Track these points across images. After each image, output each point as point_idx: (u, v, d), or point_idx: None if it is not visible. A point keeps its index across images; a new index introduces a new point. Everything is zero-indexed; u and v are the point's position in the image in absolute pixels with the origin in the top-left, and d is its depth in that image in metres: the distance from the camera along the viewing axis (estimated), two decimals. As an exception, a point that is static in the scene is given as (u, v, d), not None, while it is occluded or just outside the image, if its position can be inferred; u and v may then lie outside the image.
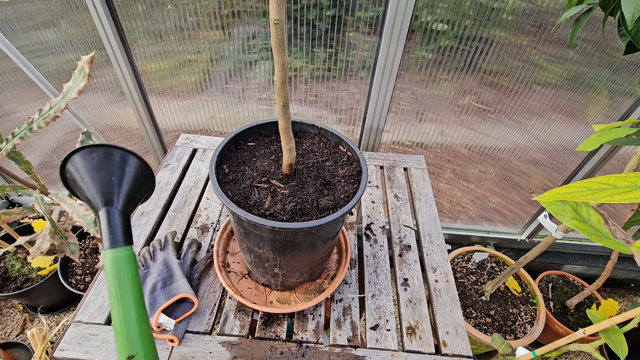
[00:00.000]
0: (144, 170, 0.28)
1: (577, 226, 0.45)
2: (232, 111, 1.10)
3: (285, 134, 0.47)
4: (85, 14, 0.89)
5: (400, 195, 0.85)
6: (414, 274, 0.70)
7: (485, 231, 1.46)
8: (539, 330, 1.14)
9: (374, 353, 0.58)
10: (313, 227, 0.44)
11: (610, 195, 0.33)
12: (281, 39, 0.36)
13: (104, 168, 0.26)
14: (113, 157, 0.27)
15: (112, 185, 0.26)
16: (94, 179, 0.26)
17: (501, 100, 1.03)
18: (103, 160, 0.26)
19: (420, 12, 0.86)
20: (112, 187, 0.26)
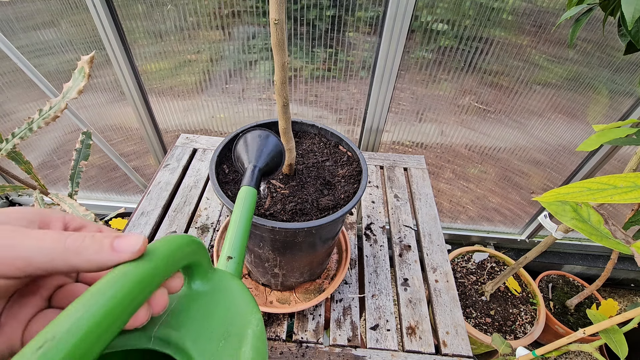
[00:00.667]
0: (279, 148, 0.43)
1: (577, 226, 0.45)
2: (232, 111, 1.10)
3: (285, 134, 0.47)
4: (85, 14, 0.89)
5: (400, 195, 0.85)
6: (414, 274, 0.70)
7: (485, 231, 1.46)
8: (539, 330, 1.14)
9: (374, 353, 0.58)
10: (313, 227, 0.44)
11: (610, 195, 0.33)
12: (281, 39, 0.36)
13: (261, 143, 0.42)
14: (269, 139, 0.43)
15: (260, 152, 0.41)
16: (255, 148, 0.41)
17: (501, 100, 1.03)
18: (262, 139, 0.42)
19: (420, 12, 0.86)
20: (260, 154, 0.41)
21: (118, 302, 0.15)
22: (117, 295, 0.15)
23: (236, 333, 0.22)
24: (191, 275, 0.24)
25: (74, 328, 0.13)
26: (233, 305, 0.24)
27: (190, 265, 0.23)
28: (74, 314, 0.14)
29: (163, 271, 0.18)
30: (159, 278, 0.18)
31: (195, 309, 0.23)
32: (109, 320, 0.14)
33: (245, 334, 0.22)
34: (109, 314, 0.15)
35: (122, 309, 0.15)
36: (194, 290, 0.24)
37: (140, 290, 0.16)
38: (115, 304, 0.15)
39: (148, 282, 0.17)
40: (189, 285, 0.24)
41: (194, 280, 0.24)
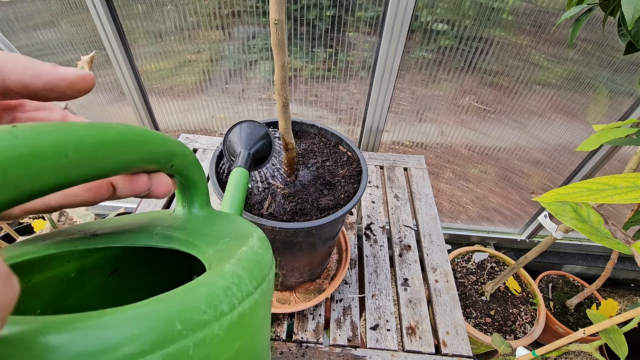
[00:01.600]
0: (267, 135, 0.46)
1: (577, 226, 0.45)
2: (232, 111, 1.10)
3: (285, 134, 0.47)
4: (85, 14, 0.89)
5: (400, 195, 0.85)
6: (414, 274, 0.70)
7: (485, 231, 1.46)
8: (539, 330, 1.14)
9: (374, 353, 0.58)
10: (313, 227, 0.44)
11: (610, 195, 0.33)
12: (281, 39, 0.36)
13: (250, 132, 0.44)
14: (257, 128, 0.45)
15: (251, 141, 0.44)
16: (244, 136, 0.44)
17: (501, 100, 1.03)
18: (252, 128, 0.45)
19: (420, 12, 0.86)
20: (251, 142, 0.44)
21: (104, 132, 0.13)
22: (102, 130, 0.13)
23: (241, 234, 0.22)
24: (190, 199, 0.23)
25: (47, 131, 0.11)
26: (237, 223, 0.24)
27: (187, 182, 0.22)
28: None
29: (154, 145, 0.17)
30: (149, 147, 0.16)
31: (197, 221, 0.23)
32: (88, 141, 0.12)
33: (251, 235, 0.22)
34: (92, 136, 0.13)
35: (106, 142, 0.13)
36: (194, 214, 0.24)
37: (129, 141, 0.15)
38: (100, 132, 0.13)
39: (140, 140, 0.16)
40: (189, 210, 0.24)
41: (193, 205, 0.24)
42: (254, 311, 0.16)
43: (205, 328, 0.12)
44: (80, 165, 0.12)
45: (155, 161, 0.17)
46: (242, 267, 0.17)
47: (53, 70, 0.15)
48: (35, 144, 0.11)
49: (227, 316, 0.13)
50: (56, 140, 0.11)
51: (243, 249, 0.19)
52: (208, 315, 0.13)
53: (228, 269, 0.16)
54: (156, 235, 0.20)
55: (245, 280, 0.16)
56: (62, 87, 0.15)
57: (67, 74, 0.15)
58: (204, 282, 0.14)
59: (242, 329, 0.14)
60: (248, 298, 0.15)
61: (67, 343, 0.09)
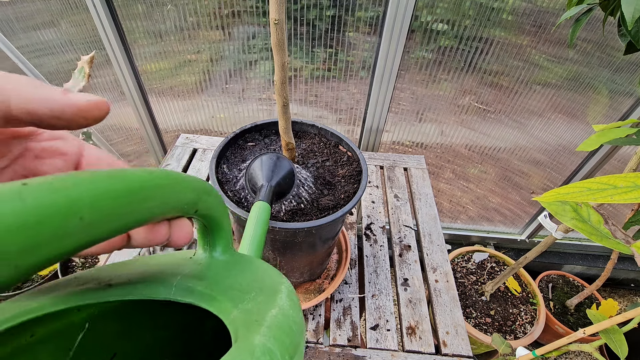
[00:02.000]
0: (291, 170, 0.46)
1: (577, 226, 0.45)
2: (232, 111, 1.10)
3: (285, 134, 0.47)
4: (85, 14, 0.89)
5: (400, 195, 0.85)
6: (414, 274, 0.70)
7: (485, 231, 1.46)
8: (539, 330, 1.14)
9: (374, 353, 0.58)
10: (313, 227, 0.44)
11: (610, 195, 0.33)
12: (281, 39, 0.36)
13: (273, 164, 0.44)
14: (280, 160, 0.45)
15: (273, 173, 0.43)
16: (266, 168, 0.44)
17: (501, 100, 1.03)
18: (274, 160, 0.44)
19: (420, 12, 0.86)
20: (272, 174, 0.43)
21: (122, 184, 0.12)
22: (122, 177, 0.12)
23: (268, 288, 0.20)
24: (212, 242, 0.22)
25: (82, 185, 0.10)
26: (261, 271, 0.23)
27: (210, 224, 0.20)
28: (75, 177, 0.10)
29: (178, 191, 0.15)
30: (173, 194, 0.15)
31: (220, 268, 0.21)
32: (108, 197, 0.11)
33: (279, 290, 0.20)
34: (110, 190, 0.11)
35: (125, 197, 0.12)
36: (215, 258, 0.22)
37: (151, 190, 0.13)
38: (119, 185, 0.12)
39: (162, 186, 0.14)
40: (210, 254, 0.22)
41: (215, 248, 0.22)
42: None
43: None
44: (95, 226, 0.11)
45: (178, 209, 0.16)
46: (273, 338, 0.15)
47: (61, 96, 0.14)
48: (45, 208, 0.09)
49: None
50: (71, 200, 0.10)
51: (272, 312, 0.17)
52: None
53: (258, 342, 0.14)
54: (175, 288, 0.18)
55: (277, 355, 0.14)
56: (70, 114, 0.14)
57: (77, 100, 0.14)
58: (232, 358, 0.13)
59: None
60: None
61: None
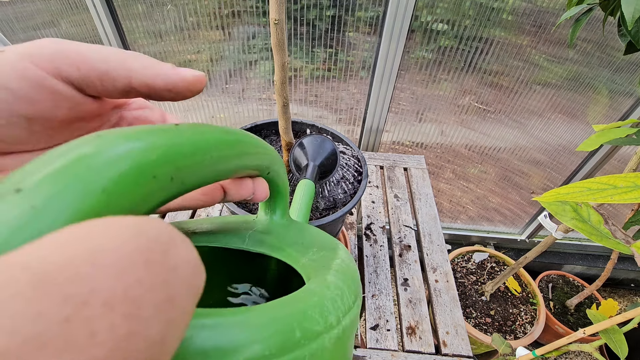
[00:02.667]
0: (334, 150, 0.48)
1: (577, 226, 0.45)
2: (232, 111, 1.10)
3: (285, 134, 0.47)
4: (85, 14, 0.89)
5: (400, 195, 0.85)
6: (414, 274, 0.70)
7: (485, 231, 1.46)
8: (539, 330, 1.14)
9: (374, 353, 0.58)
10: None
11: (611, 195, 0.33)
12: (281, 39, 0.36)
13: (318, 145, 0.47)
14: (324, 141, 0.47)
15: (317, 154, 0.46)
16: (311, 149, 0.46)
17: (501, 100, 1.03)
18: (320, 141, 0.47)
19: (420, 12, 0.86)
20: (316, 155, 0.46)
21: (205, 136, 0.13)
22: (206, 131, 0.13)
23: (327, 245, 0.21)
24: (274, 206, 0.23)
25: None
26: (316, 233, 0.24)
27: (275, 188, 0.22)
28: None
29: (260, 150, 0.17)
30: (257, 151, 0.16)
31: (281, 228, 0.23)
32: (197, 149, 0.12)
33: (337, 247, 0.21)
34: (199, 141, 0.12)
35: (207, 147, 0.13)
36: (275, 221, 0.24)
37: (232, 145, 0.14)
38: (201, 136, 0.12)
39: (252, 144, 0.16)
40: (271, 217, 0.24)
41: (276, 212, 0.24)
42: (353, 327, 0.15)
43: (318, 339, 0.12)
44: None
45: (259, 167, 0.18)
46: (341, 279, 0.16)
47: (173, 71, 0.15)
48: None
49: (334, 329, 0.13)
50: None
51: (337, 261, 0.19)
52: (321, 326, 0.12)
53: (331, 280, 0.15)
54: (248, 239, 0.20)
55: (346, 293, 0.15)
56: (181, 88, 0.15)
57: (186, 75, 0.15)
58: (314, 291, 0.14)
59: (344, 344, 0.14)
60: (349, 312, 0.15)
61: (202, 337, 0.09)
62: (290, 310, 0.12)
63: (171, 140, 0.11)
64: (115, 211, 0.08)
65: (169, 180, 0.10)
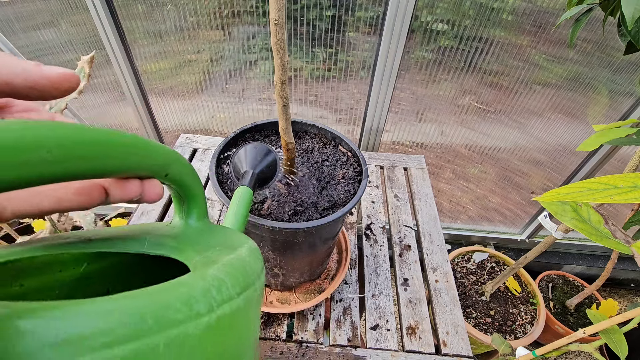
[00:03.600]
0: (274, 162, 0.47)
1: (577, 226, 0.45)
2: (232, 111, 1.10)
3: (285, 134, 0.47)
4: (85, 14, 0.89)
5: (400, 195, 0.85)
6: (414, 274, 0.70)
7: (485, 231, 1.46)
8: (539, 330, 1.14)
9: (374, 353, 0.58)
10: (313, 227, 0.44)
11: (611, 195, 0.33)
12: (281, 39, 0.36)
13: (256, 152, 0.46)
14: (263, 149, 0.46)
15: (257, 161, 0.45)
16: (250, 156, 0.45)
17: (501, 100, 1.03)
18: (257, 149, 0.46)
19: (420, 12, 0.86)
20: (256, 162, 0.45)
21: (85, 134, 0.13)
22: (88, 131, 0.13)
23: (233, 244, 0.22)
24: (187, 210, 0.24)
25: None
26: (231, 235, 0.25)
27: (184, 192, 0.22)
28: None
29: (144, 151, 0.17)
30: (139, 152, 0.16)
31: (193, 232, 0.23)
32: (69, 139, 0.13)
33: (242, 245, 0.22)
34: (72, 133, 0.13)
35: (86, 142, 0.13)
36: (190, 225, 0.24)
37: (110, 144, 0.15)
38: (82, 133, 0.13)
39: (127, 145, 0.15)
40: (186, 222, 0.24)
41: (190, 216, 0.24)
42: (235, 317, 0.15)
43: (178, 326, 0.12)
44: (62, 162, 0.12)
45: (146, 168, 0.17)
46: (225, 272, 0.17)
47: (35, 68, 0.15)
48: (19, 137, 0.11)
49: (203, 317, 0.13)
50: (38, 135, 0.12)
51: (230, 256, 0.19)
52: (182, 314, 0.12)
53: (210, 272, 0.16)
54: (148, 243, 0.20)
55: (227, 284, 0.16)
56: (43, 86, 0.15)
57: (49, 72, 0.15)
58: (183, 281, 0.14)
59: (220, 332, 0.14)
60: (229, 302, 0.15)
61: (38, 329, 0.09)
62: (143, 300, 0.12)
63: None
64: None
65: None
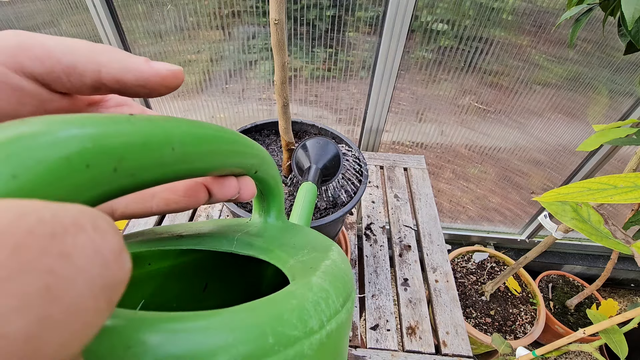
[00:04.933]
0: (337, 153, 0.48)
1: (577, 226, 0.45)
2: (232, 111, 1.10)
3: (285, 134, 0.47)
4: (85, 14, 0.89)
5: (400, 195, 0.85)
6: (414, 274, 0.70)
7: (485, 231, 1.46)
8: (539, 330, 1.14)
9: (374, 353, 0.58)
10: (313, 227, 0.44)
11: (611, 195, 0.33)
12: (281, 39, 0.36)
13: (320, 148, 0.47)
14: (327, 144, 0.47)
15: (319, 156, 0.46)
16: (314, 151, 0.46)
17: (501, 100, 1.03)
18: (322, 144, 0.47)
19: (420, 12, 0.86)
20: (319, 157, 0.46)
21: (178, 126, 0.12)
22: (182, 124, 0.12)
23: (320, 246, 0.21)
24: (267, 208, 0.23)
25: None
26: (312, 235, 0.24)
27: (266, 190, 0.22)
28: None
29: (246, 148, 0.16)
30: (242, 149, 0.16)
31: (274, 231, 0.22)
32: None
33: (330, 248, 0.21)
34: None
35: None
36: (270, 223, 0.23)
37: (217, 141, 0.14)
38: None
39: (233, 140, 0.15)
40: (265, 219, 0.23)
41: (270, 214, 0.23)
42: (340, 332, 0.14)
43: (295, 345, 0.11)
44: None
45: (243, 165, 0.17)
46: (328, 281, 0.15)
47: (146, 65, 0.14)
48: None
49: (316, 334, 0.12)
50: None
51: (326, 262, 0.18)
52: (299, 331, 0.11)
53: (315, 281, 0.15)
54: (237, 242, 0.20)
55: (332, 296, 0.14)
56: (154, 83, 0.15)
57: (159, 69, 0.15)
58: (293, 293, 0.13)
59: (330, 349, 0.13)
60: (335, 316, 0.14)
61: (162, 343, 0.09)
62: (263, 314, 0.11)
63: (116, 128, 0.10)
64: (32, 197, 0.08)
65: (110, 171, 0.09)
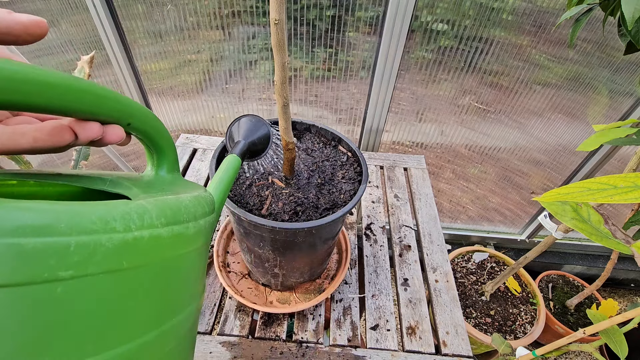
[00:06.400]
0: (267, 133, 0.48)
1: (577, 226, 0.45)
2: (232, 111, 1.10)
3: (285, 134, 0.47)
4: (85, 14, 0.89)
5: (400, 195, 0.85)
6: (414, 274, 0.70)
7: (485, 231, 1.46)
8: (539, 330, 1.14)
9: (374, 353, 0.58)
10: (313, 227, 0.44)
11: (611, 195, 0.33)
12: (281, 39, 0.36)
13: (251, 125, 0.47)
14: (258, 122, 0.48)
15: (250, 132, 0.47)
16: (245, 128, 0.47)
17: (501, 100, 1.03)
18: (253, 122, 0.48)
19: (420, 12, 0.86)
20: (250, 133, 0.46)
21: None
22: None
23: (180, 192, 0.24)
24: (158, 162, 0.26)
25: None
26: (192, 187, 0.26)
27: (152, 145, 0.25)
28: None
29: (101, 97, 0.19)
30: (95, 98, 0.18)
31: (159, 181, 0.25)
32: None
33: (190, 193, 0.24)
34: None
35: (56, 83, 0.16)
36: (160, 176, 0.26)
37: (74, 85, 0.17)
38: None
39: (83, 89, 0.17)
40: (156, 172, 0.27)
41: (161, 168, 0.27)
42: (155, 243, 0.17)
43: (90, 234, 0.14)
44: (17, 92, 0.14)
45: (104, 114, 0.19)
46: (154, 204, 0.18)
47: (8, 15, 0.17)
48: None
49: (118, 234, 0.15)
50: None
51: (169, 196, 0.21)
52: (96, 225, 0.14)
53: (137, 202, 0.17)
54: (109, 182, 0.23)
55: (150, 213, 0.17)
56: (18, 31, 0.17)
57: (20, 18, 0.17)
58: (106, 203, 0.15)
59: (138, 252, 0.16)
60: (149, 229, 0.16)
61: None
62: (63, 207, 0.13)
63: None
64: None
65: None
